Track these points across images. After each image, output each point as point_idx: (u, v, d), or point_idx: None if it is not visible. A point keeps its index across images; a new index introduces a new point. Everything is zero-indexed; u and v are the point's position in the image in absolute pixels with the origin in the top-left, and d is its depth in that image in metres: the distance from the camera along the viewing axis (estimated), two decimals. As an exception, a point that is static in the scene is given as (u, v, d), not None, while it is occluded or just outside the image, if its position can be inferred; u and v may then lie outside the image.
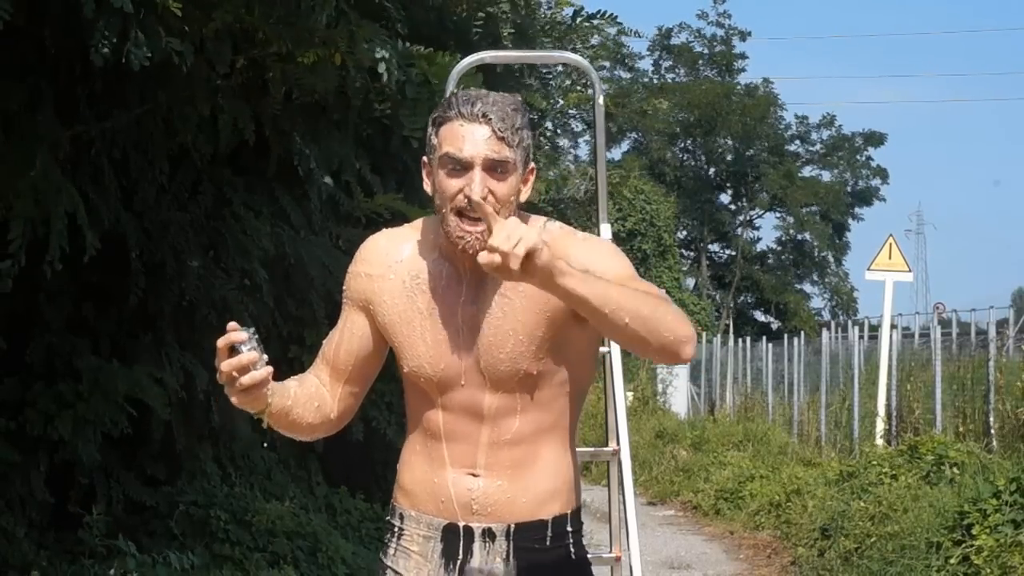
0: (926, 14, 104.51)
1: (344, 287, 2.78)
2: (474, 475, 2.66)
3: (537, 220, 2.71)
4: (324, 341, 2.81)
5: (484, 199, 2.51)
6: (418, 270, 2.68)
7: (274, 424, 2.67)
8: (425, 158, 2.64)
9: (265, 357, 2.53)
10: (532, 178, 2.64)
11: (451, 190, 2.56)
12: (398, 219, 8.66)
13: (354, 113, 6.67)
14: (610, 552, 3.92)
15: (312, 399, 2.72)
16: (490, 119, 2.54)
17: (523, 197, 2.63)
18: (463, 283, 2.65)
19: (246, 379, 2.52)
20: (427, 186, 2.65)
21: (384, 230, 2.81)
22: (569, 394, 2.70)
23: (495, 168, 2.55)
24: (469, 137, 2.54)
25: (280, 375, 2.67)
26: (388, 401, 9.49)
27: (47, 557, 6.89)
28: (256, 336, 2.53)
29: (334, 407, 2.77)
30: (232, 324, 2.53)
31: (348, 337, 2.75)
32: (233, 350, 2.51)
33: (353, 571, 8.32)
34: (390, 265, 2.70)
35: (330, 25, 5.79)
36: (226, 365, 2.51)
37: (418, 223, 2.78)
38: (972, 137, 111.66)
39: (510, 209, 2.58)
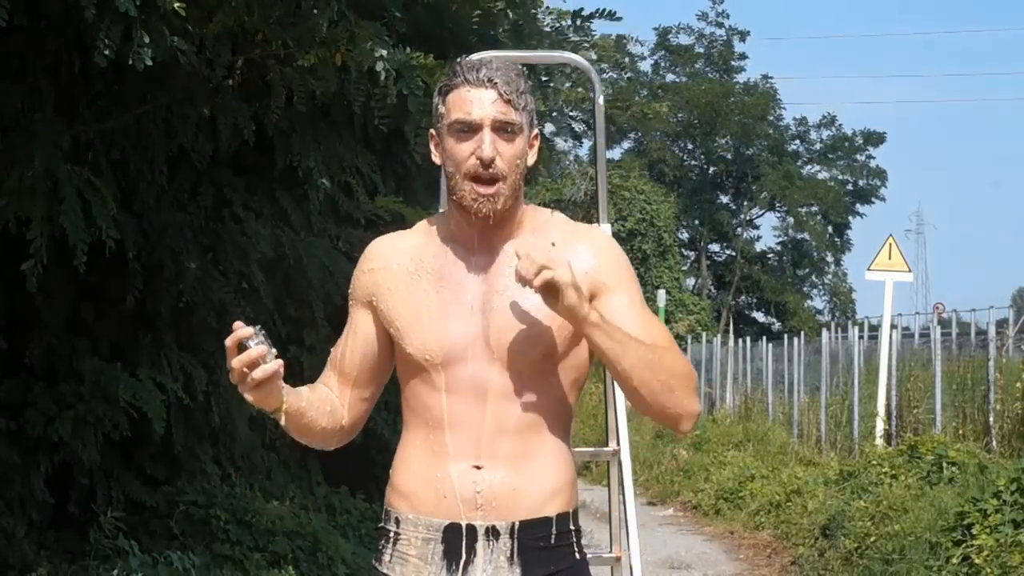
0: (927, 14, 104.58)
1: (350, 291, 2.79)
2: (478, 467, 2.62)
3: (543, 212, 2.74)
4: (332, 348, 2.80)
5: (494, 159, 2.57)
6: (422, 255, 2.70)
7: (290, 425, 2.64)
8: (432, 130, 2.68)
9: (274, 351, 2.52)
10: (537, 143, 2.69)
11: (462, 154, 2.59)
12: (398, 221, 8.68)
13: (356, 116, 6.66)
14: (610, 552, 3.91)
15: (324, 403, 2.71)
16: (496, 83, 2.59)
17: (530, 161, 2.67)
18: (473, 263, 2.66)
19: (258, 373, 2.50)
20: (435, 157, 2.68)
21: (389, 233, 2.84)
22: (570, 383, 2.69)
23: (504, 129, 2.59)
24: (476, 101, 2.58)
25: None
26: (386, 402, 9.46)
27: (47, 557, 6.89)
28: (263, 332, 2.52)
29: (345, 414, 2.75)
30: (237, 323, 2.52)
31: (354, 339, 2.75)
32: (241, 347, 2.49)
33: (353, 571, 8.32)
34: (392, 256, 2.72)
35: (330, 26, 5.79)
36: (236, 362, 2.49)
37: (423, 221, 2.80)
38: (972, 137, 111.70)
39: (519, 172, 2.62)
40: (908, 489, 10.02)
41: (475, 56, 2.68)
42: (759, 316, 50.00)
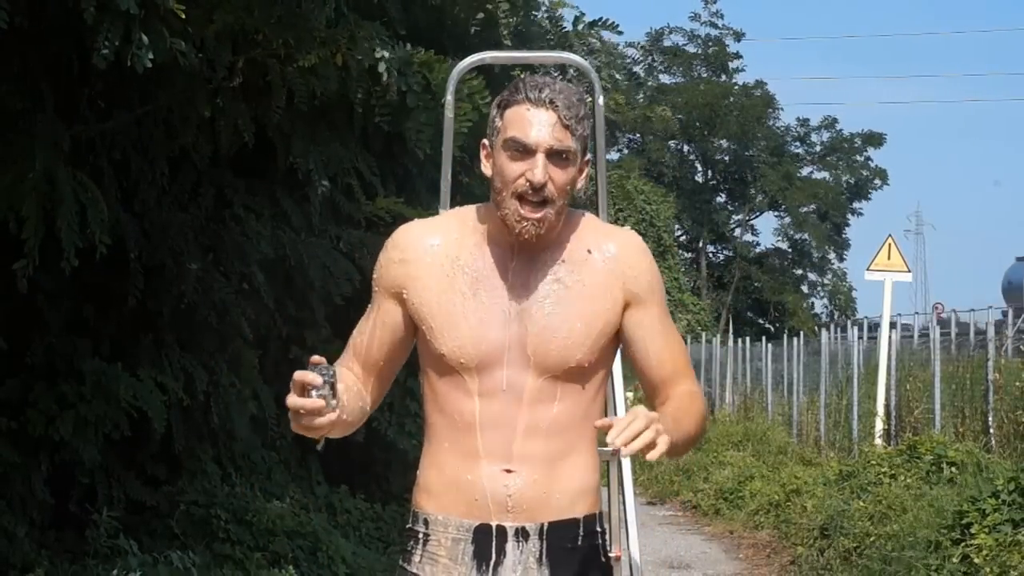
0: (927, 15, 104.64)
1: (375, 276, 2.74)
2: (508, 471, 2.61)
3: (575, 213, 2.73)
4: (354, 331, 2.76)
5: (544, 184, 2.55)
6: (458, 253, 2.66)
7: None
8: (485, 140, 2.66)
9: (334, 402, 2.46)
10: (587, 169, 2.67)
11: (513, 173, 2.57)
12: (399, 222, 8.69)
13: (357, 116, 6.67)
14: (610, 552, 3.92)
15: (357, 399, 2.67)
16: (557, 106, 2.57)
17: (578, 186, 2.65)
18: (511, 266, 2.64)
19: (305, 422, 2.46)
20: (484, 168, 2.66)
21: (417, 219, 2.81)
22: (599, 385, 2.70)
23: (558, 155, 2.58)
24: (535, 122, 2.57)
25: (282, 377, 2.64)
26: (389, 402, 9.50)
27: (48, 557, 6.89)
28: (333, 377, 2.45)
29: (368, 399, 2.74)
30: (315, 357, 2.46)
31: (382, 329, 2.71)
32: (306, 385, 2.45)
33: (353, 571, 8.33)
34: (426, 249, 2.67)
35: (330, 25, 5.79)
36: (292, 403, 2.45)
37: (455, 211, 2.78)
38: (972, 137, 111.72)
39: (566, 197, 2.61)
40: (907, 489, 10.03)
41: (540, 77, 2.64)
42: (756, 316, 49.94)
